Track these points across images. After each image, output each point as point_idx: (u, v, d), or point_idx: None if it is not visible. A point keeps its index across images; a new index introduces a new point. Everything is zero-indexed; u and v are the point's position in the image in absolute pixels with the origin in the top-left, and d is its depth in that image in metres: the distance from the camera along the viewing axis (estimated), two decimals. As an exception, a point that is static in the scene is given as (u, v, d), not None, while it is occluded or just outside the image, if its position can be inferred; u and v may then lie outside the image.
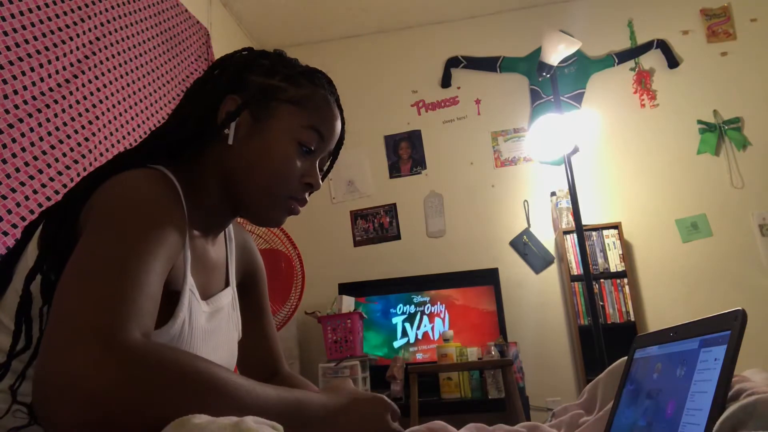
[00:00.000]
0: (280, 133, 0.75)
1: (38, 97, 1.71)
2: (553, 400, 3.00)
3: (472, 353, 2.73)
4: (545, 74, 2.77)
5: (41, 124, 1.70)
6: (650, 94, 3.38)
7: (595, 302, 2.57)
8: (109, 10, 2.12)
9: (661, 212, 3.22)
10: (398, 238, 3.50)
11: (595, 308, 2.51)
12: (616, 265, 3.08)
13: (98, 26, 2.04)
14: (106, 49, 2.08)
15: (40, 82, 1.72)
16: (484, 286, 3.14)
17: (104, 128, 2.00)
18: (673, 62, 3.37)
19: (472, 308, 3.13)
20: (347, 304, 2.90)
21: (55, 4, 1.82)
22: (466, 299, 3.15)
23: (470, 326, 3.08)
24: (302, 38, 3.75)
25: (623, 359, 0.69)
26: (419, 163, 3.58)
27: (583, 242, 2.60)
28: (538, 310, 3.23)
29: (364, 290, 3.24)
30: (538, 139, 3.14)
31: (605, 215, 3.25)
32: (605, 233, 3.13)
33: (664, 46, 3.39)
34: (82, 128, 1.88)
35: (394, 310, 3.19)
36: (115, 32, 2.15)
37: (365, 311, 3.06)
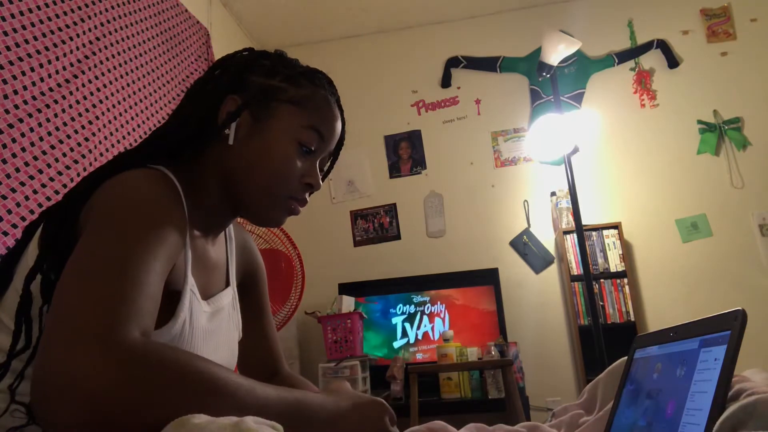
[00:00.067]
0: (280, 133, 0.75)
1: (38, 97, 1.71)
2: (553, 400, 3.00)
3: (472, 353, 2.73)
4: (545, 74, 2.77)
5: (41, 124, 1.70)
6: (650, 94, 3.37)
7: (595, 302, 2.57)
8: (109, 10, 2.12)
9: (661, 212, 3.22)
10: (398, 238, 3.50)
11: (595, 308, 2.51)
12: (616, 265, 3.08)
13: (98, 26, 2.04)
14: (106, 49, 2.08)
15: (40, 82, 1.72)
16: (484, 286, 3.14)
17: (104, 128, 2.00)
18: (673, 62, 3.37)
19: (472, 308, 3.13)
20: (347, 304, 2.90)
21: (55, 4, 1.82)
22: (466, 299, 3.15)
23: (470, 326, 3.08)
24: (302, 38, 3.75)
25: (623, 359, 0.69)
26: (419, 163, 3.58)
27: (583, 242, 2.60)
28: (538, 310, 3.23)
29: (364, 290, 3.24)
30: (538, 139, 3.14)
31: (605, 215, 3.25)
32: (605, 233, 3.13)
33: (664, 46, 3.39)
34: (82, 128, 1.88)
35: (393, 310, 3.19)
36: (115, 32, 2.15)
37: (365, 311, 3.05)
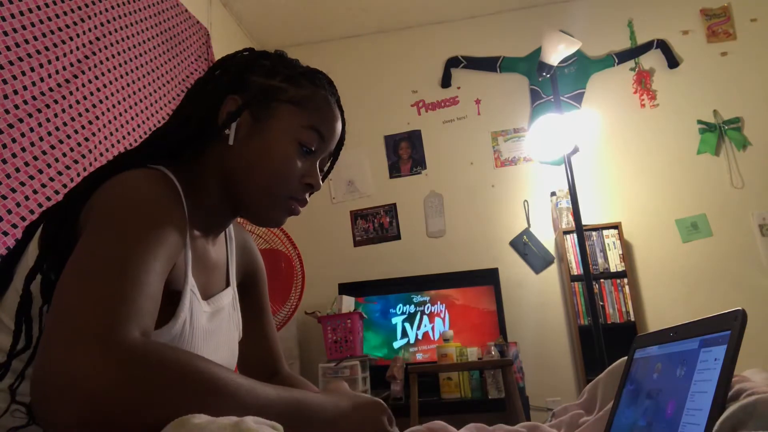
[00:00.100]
0: (280, 133, 0.75)
1: (38, 97, 1.71)
2: (553, 400, 3.00)
3: (472, 353, 2.73)
4: (545, 74, 2.77)
5: (41, 124, 1.70)
6: (650, 94, 3.37)
7: (595, 302, 2.57)
8: (109, 10, 2.12)
9: (661, 212, 3.22)
10: (398, 238, 3.50)
11: (595, 308, 2.51)
12: (616, 265, 3.08)
13: (98, 26, 2.04)
14: (106, 49, 2.08)
15: (40, 82, 1.72)
16: (484, 286, 3.14)
17: (104, 128, 2.00)
18: (673, 62, 3.37)
19: (472, 308, 3.13)
20: (347, 304, 2.90)
21: (55, 4, 1.82)
22: (466, 299, 3.15)
23: (470, 326, 3.08)
24: (302, 38, 3.75)
25: (623, 359, 0.69)
26: (419, 163, 3.58)
27: (583, 242, 2.60)
28: (538, 310, 3.23)
29: (364, 290, 3.24)
30: (538, 139, 3.14)
31: (605, 215, 3.25)
32: (605, 233, 3.13)
33: (664, 46, 3.38)
34: (82, 128, 1.88)
35: (393, 310, 3.19)
36: (115, 32, 2.15)
37: (364, 311, 3.05)
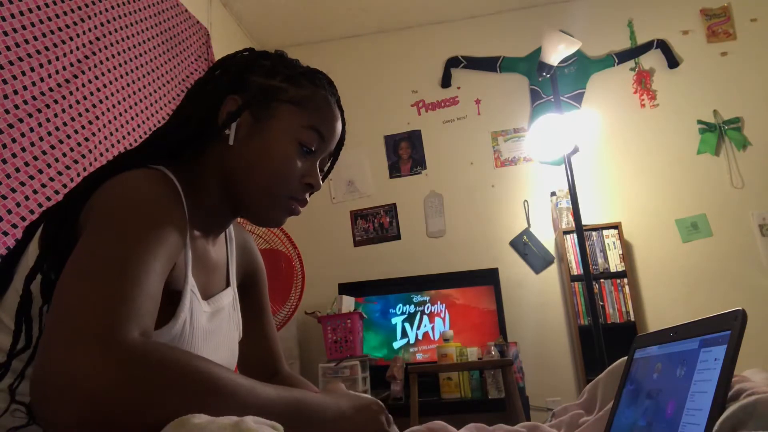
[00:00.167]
0: (280, 133, 0.75)
1: (38, 97, 1.71)
2: (553, 400, 3.00)
3: (472, 353, 2.73)
4: (545, 74, 2.77)
5: (41, 124, 1.70)
6: (650, 94, 3.37)
7: (595, 302, 2.57)
8: (109, 10, 2.12)
9: (661, 212, 3.22)
10: (398, 238, 3.50)
11: (595, 308, 2.51)
12: (616, 265, 3.08)
13: (98, 26, 2.04)
14: (106, 49, 2.08)
15: (40, 82, 1.72)
16: (484, 286, 3.14)
17: (104, 128, 2.00)
18: (673, 62, 3.37)
19: (472, 308, 3.13)
20: (347, 304, 2.90)
21: (55, 4, 1.82)
22: (466, 299, 3.15)
23: (470, 326, 3.08)
24: (302, 38, 3.75)
25: (623, 359, 0.69)
26: (419, 163, 3.58)
27: (583, 242, 2.60)
28: (538, 310, 3.23)
29: (364, 290, 3.24)
30: (538, 139, 3.14)
31: (605, 215, 3.25)
32: (605, 233, 3.13)
33: (664, 46, 3.38)
34: (82, 128, 1.88)
35: (393, 310, 3.19)
36: (115, 32, 2.15)
37: (364, 311, 3.05)
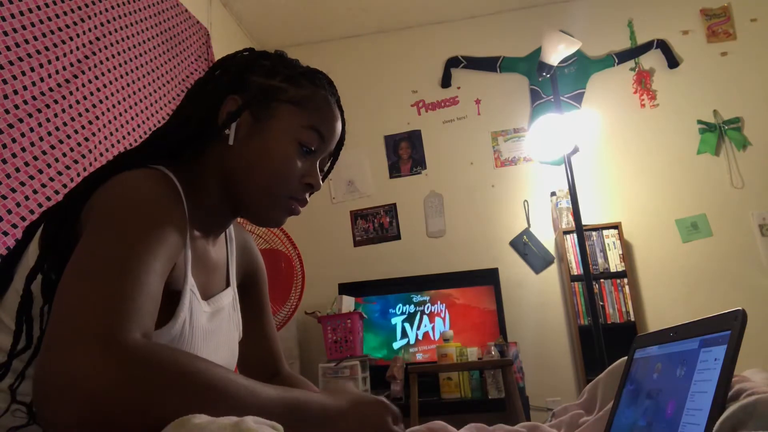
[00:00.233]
0: (280, 133, 0.75)
1: (38, 97, 1.71)
2: (553, 400, 3.00)
3: (472, 353, 2.73)
4: (545, 74, 2.77)
5: (41, 124, 1.70)
6: (650, 94, 3.37)
7: (595, 302, 2.57)
8: (109, 10, 2.12)
9: (661, 212, 3.22)
10: (398, 238, 3.50)
11: (595, 308, 2.51)
12: (616, 265, 3.08)
13: (98, 26, 2.04)
14: (106, 49, 2.08)
15: (40, 82, 1.72)
16: (484, 286, 3.14)
17: (104, 128, 2.00)
18: (673, 62, 3.36)
19: (472, 308, 3.13)
20: (347, 304, 2.90)
21: (55, 4, 1.82)
22: (466, 299, 3.15)
23: (470, 326, 3.08)
24: (302, 38, 3.74)
25: (623, 359, 0.69)
26: (419, 163, 3.58)
27: (583, 242, 2.60)
28: (538, 310, 3.23)
29: (364, 290, 3.24)
30: (538, 139, 3.14)
31: (605, 215, 3.25)
32: (605, 233, 3.13)
33: (664, 46, 3.38)
34: (82, 128, 1.88)
35: (393, 310, 3.19)
36: (115, 32, 2.15)
37: (364, 311, 3.05)
